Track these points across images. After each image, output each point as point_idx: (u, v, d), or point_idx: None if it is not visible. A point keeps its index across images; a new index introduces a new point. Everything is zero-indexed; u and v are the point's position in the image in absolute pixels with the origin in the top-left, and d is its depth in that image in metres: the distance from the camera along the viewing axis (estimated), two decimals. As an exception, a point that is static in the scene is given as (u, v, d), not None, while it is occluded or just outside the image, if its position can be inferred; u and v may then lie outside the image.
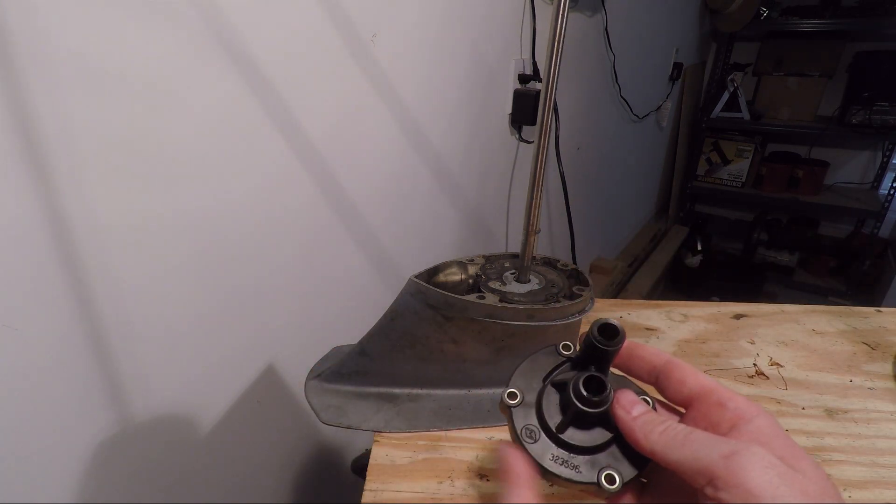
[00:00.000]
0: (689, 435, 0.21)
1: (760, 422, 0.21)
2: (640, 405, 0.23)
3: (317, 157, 0.67)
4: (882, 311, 0.68)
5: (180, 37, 0.48)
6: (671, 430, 0.21)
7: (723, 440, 0.20)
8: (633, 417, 0.23)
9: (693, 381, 0.24)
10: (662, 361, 0.25)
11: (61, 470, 0.49)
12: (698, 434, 0.21)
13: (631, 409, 0.23)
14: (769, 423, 0.21)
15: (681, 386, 0.24)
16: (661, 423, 0.22)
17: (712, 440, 0.20)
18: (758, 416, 0.21)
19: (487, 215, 1.16)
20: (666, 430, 0.21)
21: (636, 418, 0.22)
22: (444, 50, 0.84)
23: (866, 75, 2.29)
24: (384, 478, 0.41)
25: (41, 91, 0.39)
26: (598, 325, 0.23)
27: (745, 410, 0.22)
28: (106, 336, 0.49)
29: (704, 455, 0.19)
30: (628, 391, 0.24)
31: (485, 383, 0.47)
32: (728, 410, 0.22)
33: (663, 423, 0.22)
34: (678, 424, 0.22)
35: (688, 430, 0.21)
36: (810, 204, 2.59)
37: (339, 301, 0.80)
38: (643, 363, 0.26)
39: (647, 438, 0.22)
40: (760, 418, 0.21)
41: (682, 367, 0.24)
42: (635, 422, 0.22)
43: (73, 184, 0.43)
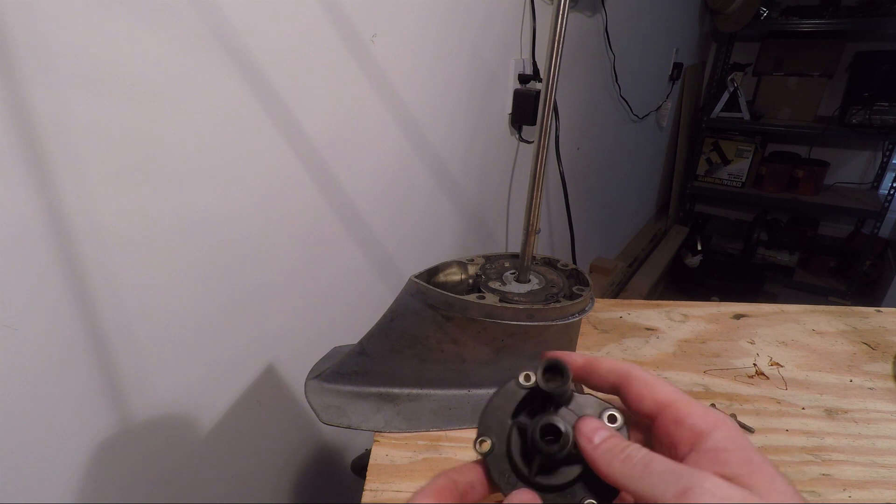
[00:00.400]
0: (648, 466, 0.20)
1: (717, 436, 0.21)
2: (603, 431, 0.23)
3: (317, 158, 0.67)
4: (882, 311, 0.68)
5: (181, 37, 0.48)
6: (631, 459, 0.21)
7: (678, 472, 0.20)
8: (594, 447, 0.22)
9: (649, 397, 0.23)
10: (620, 376, 0.25)
11: (61, 470, 0.49)
12: (656, 464, 0.20)
13: (592, 438, 0.22)
14: (725, 435, 0.21)
15: (639, 402, 0.24)
16: (621, 451, 0.21)
17: (668, 473, 0.20)
18: (714, 430, 0.21)
19: (487, 215, 1.16)
20: (626, 458, 0.21)
21: (597, 447, 0.22)
22: (444, 50, 0.84)
23: (866, 75, 2.29)
24: (384, 478, 0.41)
25: (41, 91, 0.39)
26: (544, 367, 0.23)
27: (702, 426, 0.21)
28: (106, 336, 0.49)
29: (660, 491, 0.19)
30: (589, 419, 0.23)
31: (485, 383, 0.47)
32: (685, 429, 0.22)
33: (624, 451, 0.21)
34: (638, 451, 0.21)
35: (647, 460, 0.21)
36: (810, 204, 2.59)
37: (339, 301, 0.80)
38: (602, 381, 0.25)
39: (610, 468, 0.21)
40: (717, 432, 0.21)
41: (638, 382, 0.24)
42: (596, 451, 0.22)
43: (74, 184, 0.43)
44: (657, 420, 0.23)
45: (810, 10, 2.40)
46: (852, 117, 2.29)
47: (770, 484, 0.19)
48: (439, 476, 0.23)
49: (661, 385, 0.24)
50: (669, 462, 0.20)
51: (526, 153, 1.19)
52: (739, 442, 0.21)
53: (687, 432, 0.22)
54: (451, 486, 0.23)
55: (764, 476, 0.19)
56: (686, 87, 2.48)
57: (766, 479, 0.19)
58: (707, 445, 0.21)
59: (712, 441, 0.21)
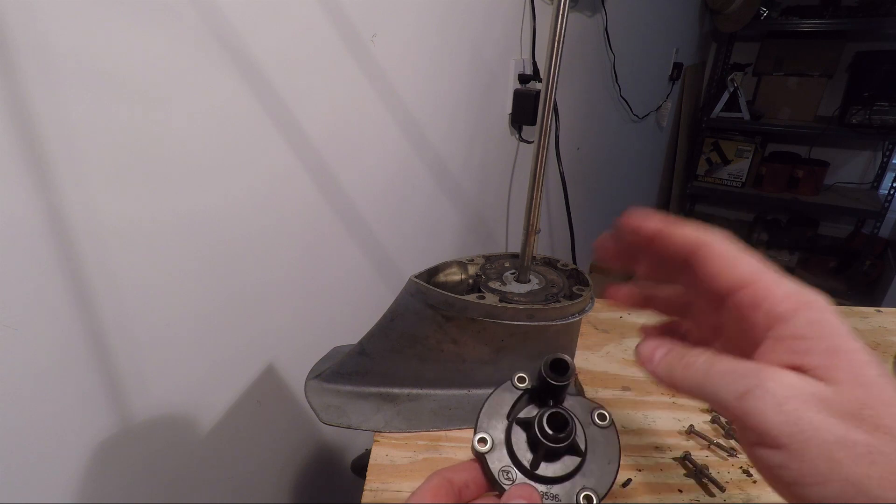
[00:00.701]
0: (711, 369, 0.19)
1: (798, 322, 0.18)
2: (662, 348, 0.22)
3: (317, 158, 0.67)
4: (882, 311, 0.68)
5: (181, 37, 0.48)
6: (692, 365, 0.20)
7: (741, 372, 0.18)
8: (655, 365, 0.21)
9: (727, 274, 0.20)
10: (694, 247, 0.22)
11: (61, 470, 0.49)
12: (718, 366, 0.19)
13: (653, 357, 0.22)
14: (809, 320, 0.18)
15: (713, 281, 0.21)
16: (680, 360, 0.20)
17: (730, 374, 0.18)
18: (796, 315, 0.18)
19: (487, 215, 1.16)
20: (686, 365, 0.20)
21: (658, 364, 0.21)
22: (444, 50, 0.84)
23: (866, 75, 2.29)
24: (384, 478, 0.41)
25: (41, 91, 0.39)
26: (549, 361, 0.24)
27: (782, 310, 0.19)
28: (106, 336, 0.49)
29: (722, 395, 0.18)
30: (646, 341, 0.23)
31: (485, 383, 0.47)
32: (761, 313, 0.19)
33: (682, 359, 0.20)
34: (700, 356, 0.20)
35: (709, 363, 0.19)
36: (810, 204, 2.59)
37: (339, 301, 0.80)
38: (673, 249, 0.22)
39: (672, 379, 0.21)
40: (799, 316, 0.18)
41: (715, 257, 0.21)
42: (658, 369, 0.21)
43: (74, 184, 0.43)
44: (732, 302, 0.20)
45: (810, 10, 2.40)
46: (852, 117, 2.29)
47: (853, 375, 0.17)
48: (434, 475, 0.23)
49: (742, 260, 0.20)
50: (733, 362, 0.19)
51: (526, 153, 1.19)
52: (825, 328, 0.18)
53: (763, 317, 0.19)
54: (446, 485, 0.23)
55: (848, 367, 0.17)
56: (686, 87, 2.48)
57: (849, 370, 0.17)
58: (784, 332, 0.18)
59: (791, 327, 0.18)
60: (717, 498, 0.40)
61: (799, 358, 0.18)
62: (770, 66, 2.59)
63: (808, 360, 0.18)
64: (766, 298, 0.19)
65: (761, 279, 0.20)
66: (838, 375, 0.17)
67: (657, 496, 0.40)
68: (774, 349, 0.18)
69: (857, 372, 0.17)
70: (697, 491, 0.41)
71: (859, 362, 0.17)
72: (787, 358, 0.18)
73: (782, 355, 0.18)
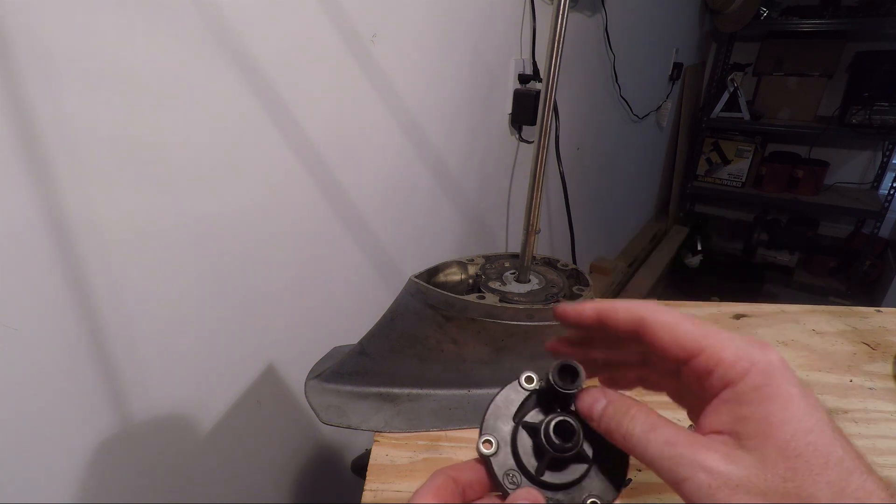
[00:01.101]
0: (648, 447, 0.21)
1: (744, 386, 0.19)
2: (600, 402, 0.23)
3: (317, 158, 0.67)
4: (882, 311, 0.68)
5: (181, 38, 0.48)
6: (630, 438, 0.21)
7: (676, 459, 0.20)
8: (597, 423, 0.23)
9: (673, 344, 0.21)
10: (636, 322, 0.22)
11: (61, 470, 0.49)
12: (653, 448, 0.20)
13: (592, 414, 0.23)
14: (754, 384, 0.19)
15: (664, 354, 0.22)
16: (619, 427, 0.22)
17: (666, 461, 0.20)
18: (744, 378, 0.19)
19: (487, 215, 1.16)
20: (626, 437, 0.21)
21: (599, 423, 0.23)
22: (445, 50, 0.84)
23: (866, 75, 2.29)
24: (384, 478, 0.41)
25: (41, 92, 0.39)
26: (558, 367, 0.23)
27: (733, 374, 0.20)
28: (107, 337, 0.49)
29: (662, 475, 0.20)
30: (587, 391, 0.23)
31: (485, 383, 0.47)
32: (715, 379, 0.20)
33: (620, 427, 0.22)
34: (636, 425, 0.21)
35: (645, 440, 0.21)
36: (810, 204, 2.58)
37: (339, 301, 0.80)
38: (618, 329, 0.23)
39: (613, 440, 0.22)
40: (747, 380, 0.19)
41: (656, 327, 0.22)
42: (599, 425, 0.23)
43: (74, 185, 0.43)
44: (686, 367, 0.21)
45: (810, 10, 2.40)
46: (852, 117, 2.29)
47: (781, 447, 0.18)
48: (438, 474, 0.23)
49: (683, 329, 0.21)
50: (665, 445, 0.20)
51: (526, 153, 1.19)
52: (766, 392, 0.19)
53: (717, 381, 0.20)
54: (450, 485, 0.22)
55: (778, 437, 0.18)
56: (686, 87, 2.48)
57: (778, 442, 0.18)
58: (729, 396, 0.20)
59: (736, 391, 0.20)
60: (717, 498, 0.40)
61: (736, 425, 0.19)
62: (770, 66, 2.59)
63: (743, 429, 0.19)
64: (718, 364, 0.20)
65: (708, 345, 0.21)
66: (766, 449, 0.18)
67: (657, 496, 0.40)
68: (718, 412, 0.20)
69: (785, 444, 0.18)
70: (697, 491, 0.41)
71: (791, 432, 0.18)
72: (726, 423, 0.20)
73: (723, 419, 0.20)
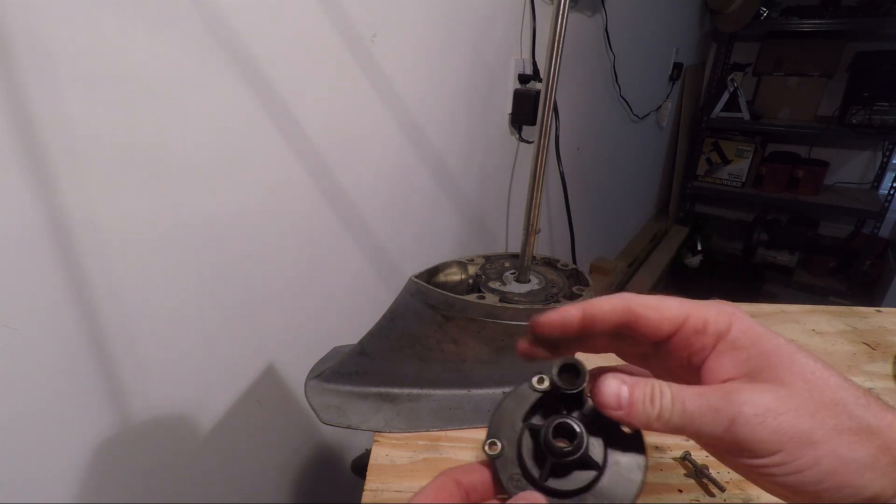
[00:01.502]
0: (685, 411, 0.21)
1: (733, 335, 0.22)
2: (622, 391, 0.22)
3: (317, 158, 0.67)
4: (882, 311, 0.68)
5: (182, 38, 0.48)
6: (665, 410, 0.21)
7: (715, 406, 0.20)
8: (626, 414, 0.22)
9: (663, 321, 0.23)
10: (622, 313, 0.24)
11: (62, 470, 0.49)
12: (690, 406, 0.21)
13: (618, 405, 0.22)
14: (740, 332, 0.22)
15: (656, 329, 0.23)
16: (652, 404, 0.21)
17: (707, 412, 0.20)
18: (730, 329, 0.22)
19: (487, 215, 1.16)
20: (660, 413, 0.21)
21: (629, 413, 0.22)
22: (445, 50, 0.84)
23: (866, 75, 2.29)
24: (384, 478, 0.41)
25: (42, 92, 0.39)
26: (559, 367, 0.23)
27: (721, 327, 0.22)
28: (107, 336, 0.49)
29: (709, 430, 0.20)
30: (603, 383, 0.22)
31: (485, 383, 0.47)
32: (708, 335, 0.22)
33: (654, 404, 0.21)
34: (667, 395, 0.21)
35: (680, 402, 0.21)
36: (810, 204, 2.58)
37: (339, 301, 0.80)
38: (606, 325, 0.24)
39: (650, 427, 0.22)
40: (732, 330, 0.22)
41: (644, 310, 0.23)
42: (630, 417, 0.22)
43: (74, 185, 0.43)
44: (675, 336, 0.23)
45: (810, 10, 2.40)
46: (852, 117, 2.29)
47: (792, 369, 0.20)
48: (441, 475, 0.23)
49: (666, 303, 0.23)
50: (699, 398, 0.21)
51: (526, 153, 1.19)
52: (753, 334, 0.22)
53: (710, 337, 0.22)
54: (451, 486, 0.22)
55: (784, 364, 0.21)
56: (686, 87, 2.48)
57: (788, 367, 0.20)
58: (725, 345, 0.22)
59: (730, 339, 0.22)
60: (717, 498, 0.40)
61: (743, 366, 0.21)
62: (770, 66, 2.59)
63: (751, 367, 0.21)
64: (706, 322, 0.22)
65: (691, 310, 0.23)
66: (779, 373, 0.21)
67: (657, 496, 0.40)
68: (720, 363, 0.22)
69: (791, 365, 0.21)
70: (697, 491, 0.41)
71: (788, 354, 0.21)
72: (732, 368, 0.22)
73: (728, 367, 0.22)
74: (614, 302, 0.24)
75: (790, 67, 2.54)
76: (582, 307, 0.25)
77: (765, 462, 0.20)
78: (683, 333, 0.23)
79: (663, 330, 0.23)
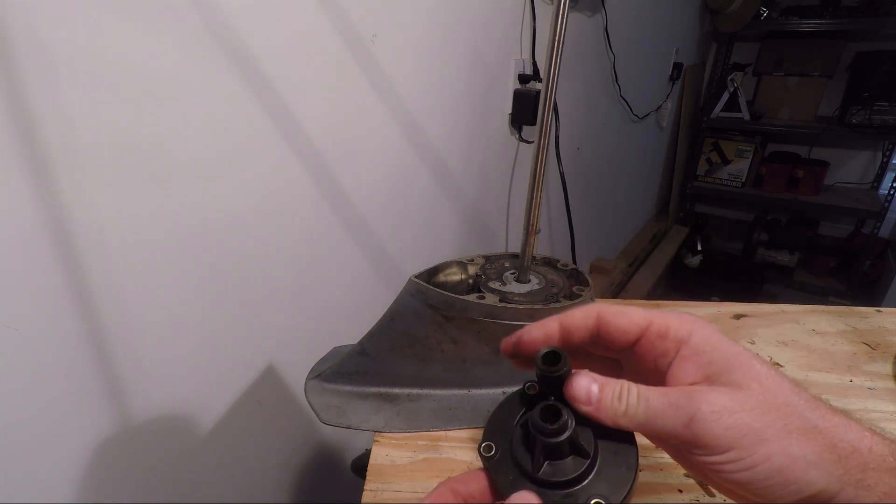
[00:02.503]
0: (649, 408, 0.22)
1: (695, 341, 0.23)
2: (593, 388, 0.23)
3: (317, 158, 0.67)
4: (882, 311, 0.68)
5: (182, 39, 0.48)
6: (631, 407, 0.23)
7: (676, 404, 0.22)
8: (595, 409, 0.23)
9: (629, 325, 0.25)
10: (593, 319, 0.26)
11: (61, 470, 0.49)
12: (654, 404, 0.22)
13: (587, 401, 0.23)
14: (701, 338, 0.23)
15: (623, 334, 0.25)
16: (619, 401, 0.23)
17: (669, 409, 0.22)
18: (691, 336, 0.23)
19: (487, 215, 1.16)
20: (626, 410, 0.23)
21: (598, 408, 0.23)
22: (445, 50, 0.84)
23: (866, 75, 2.29)
24: (384, 478, 0.41)
25: (42, 92, 0.39)
26: (542, 355, 0.24)
27: (682, 334, 0.24)
28: (107, 336, 0.49)
29: (670, 428, 0.22)
30: (574, 380, 0.24)
31: (485, 383, 0.47)
32: (669, 340, 0.24)
33: (622, 401, 0.23)
34: (633, 393, 0.23)
35: (645, 400, 0.22)
36: (810, 204, 2.58)
37: (340, 301, 0.80)
38: (581, 332, 0.26)
39: (618, 425, 0.23)
40: (694, 336, 0.23)
41: (612, 316, 0.25)
42: (599, 413, 0.23)
43: (74, 185, 0.43)
44: (641, 340, 0.25)
45: (810, 10, 2.40)
46: (852, 117, 2.29)
47: (747, 376, 0.22)
48: (440, 486, 0.23)
49: (632, 311, 0.25)
50: (662, 396, 0.22)
51: (526, 153, 1.19)
52: (713, 342, 0.23)
53: (672, 342, 0.24)
54: (450, 496, 0.23)
55: (741, 369, 0.22)
56: (686, 87, 2.48)
57: (744, 371, 0.22)
58: (688, 351, 0.23)
59: (692, 346, 0.23)
60: (716, 498, 0.40)
61: (704, 370, 0.23)
62: (770, 66, 2.59)
63: (711, 371, 0.22)
64: (668, 328, 0.24)
65: (655, 318, 0.25)
66: (736, 376, 0.22)
67: (657, 496, 0.40)
68: (682, 368, 0.23)
69: (748, 370, 0.22)
70: (697, 491, 0.41)
71: (745, 360, 0.22)
72: (694, 372, 0.23)
73: (690, 372, 0.23)
74: (586, 310, 0.26)
75: (790, 67, 2.54)
76: (559, 319, 0.26)
77: (719, 459, 0.21)
78: (648, 338, 0.24)
79: (630, 334, 0.25)
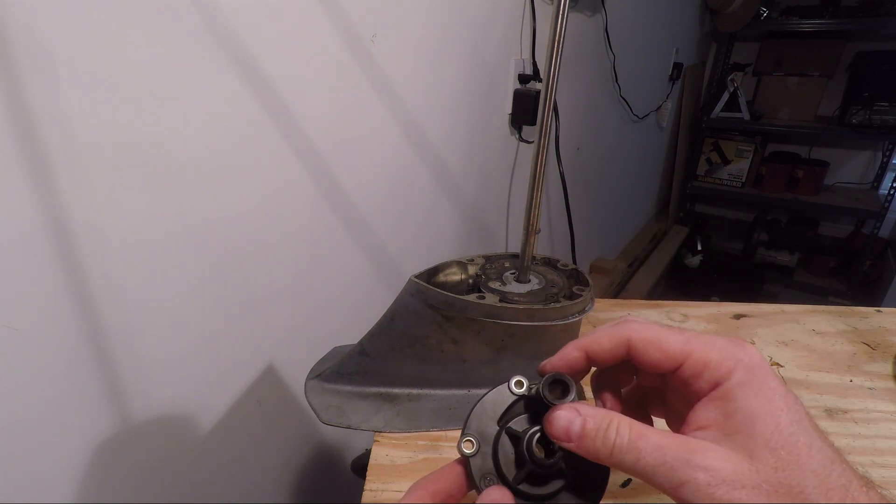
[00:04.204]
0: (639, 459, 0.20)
1: (730, 383, 0.21)
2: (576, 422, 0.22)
3: (317, 159, 0.67)
4: (882, 311, 0.68)
5: (182, 39, 0.48)
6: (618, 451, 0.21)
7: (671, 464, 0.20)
8: (577, 446, 0.22)
9: (665, 361, 0.23)
10: (622, 345, 0.24)
11: (61, 470, 0.49)
12: (647, 458, 0.20)
13: (567, 438, 0.22)
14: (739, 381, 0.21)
15: (654, 368, 0.23)
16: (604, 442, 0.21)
17: (661, 467, 0.20)
18: (730, 376, 0.21)
19: (487, 215, 1.16)
20: (612, 453, 0.21)
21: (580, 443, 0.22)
22: (445, 50, 0.84)
23: (866, 75, 2.29)
24: (384, 478, 0.41)
25: (42, 92, 0.39)
26: (549, 381, 0.23)
27: (721, 372, 0.21)
28: (107, 337, 0.49)
29: (658, 483, 0.20)
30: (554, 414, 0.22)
31: (485, 383, 0.47)
32: (703, 381, 0.22)
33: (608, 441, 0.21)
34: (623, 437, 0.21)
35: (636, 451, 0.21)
36: (810, 204, 2.59)
37: (339, 301, 0.80)
38: (608, 358, 0.24)
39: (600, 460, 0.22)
40: (732, 377, 0.21)
41: (643, 344, 0.23)
42: (581, 450, 0.22)
43: (74, 185, 0.43)
44: (675, 375, 0.23)
45: (810, 10, 2.40)
46: (852, 117, 2.29)
47: (769, 441, 0.19)
48: (415, 487, 0.23)
49: (669, 340, 0.23)
50: (658, 450, 0.20)
51: (526, 153, 1.19)
52: (750, 390, 0.20)
53: (706, 382, 0.22)
54: (427, 497, 0.23)
55: (763, 434, 0.19)
56: (686, 87, 2.48)
57: (766, 437, 0.19)
58: (717, 394, 0.21)
59: (725, 388, 0.21)
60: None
61: (723, 420, 0.21)
62: (770, 66, 2.59)
63: (730, 423, 0.20)
64: (706, 367, 0.22)
65: (694, 350, 0.22)
66: (753, 441, 0.19)
67: (657, 496, 0.40)
68: (706, 408, 0.21)
69: (770, 436, 0.19)
70: (697, 491, 0.41)
71: (775, 424, 0.20)
72: (713, 418, 0.21)
73: (711, 415, 0.21)
74: (614, 338, 0.24)
75: (790, 67, 2.54)
76: (583, 347, 0.25)
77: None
78: (682, 373, 0.22)
79: (663, 367, 0.23)
